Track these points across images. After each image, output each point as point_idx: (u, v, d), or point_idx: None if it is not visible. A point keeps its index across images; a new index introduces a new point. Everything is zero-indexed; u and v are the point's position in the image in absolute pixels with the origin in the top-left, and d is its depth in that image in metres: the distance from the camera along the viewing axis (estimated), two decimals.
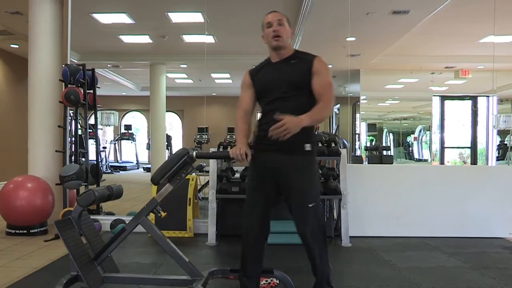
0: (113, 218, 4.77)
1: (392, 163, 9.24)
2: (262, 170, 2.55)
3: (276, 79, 2.58)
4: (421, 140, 11.34)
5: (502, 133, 9.45)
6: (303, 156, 2.48)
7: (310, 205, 2.46)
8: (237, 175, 4.89)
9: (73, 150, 5.22)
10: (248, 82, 2.71)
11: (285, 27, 2.63)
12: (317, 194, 2.57)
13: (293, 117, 2.30)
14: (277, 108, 2.45)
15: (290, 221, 3.03)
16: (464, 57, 8.70)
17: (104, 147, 12.14)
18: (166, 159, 2.74)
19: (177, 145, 12.23)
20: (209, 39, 7.52)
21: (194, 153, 2.56)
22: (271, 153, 2.48)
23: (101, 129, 12.36)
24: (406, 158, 11.39)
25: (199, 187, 5.77)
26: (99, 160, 5.86)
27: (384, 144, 11.36)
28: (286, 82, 2.53)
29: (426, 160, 11.16)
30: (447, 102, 10.71)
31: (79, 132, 5.35)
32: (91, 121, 5.53)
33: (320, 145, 4.50)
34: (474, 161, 10.26)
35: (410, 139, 11.49)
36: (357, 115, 10.89)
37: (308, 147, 2.48)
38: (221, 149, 4.56)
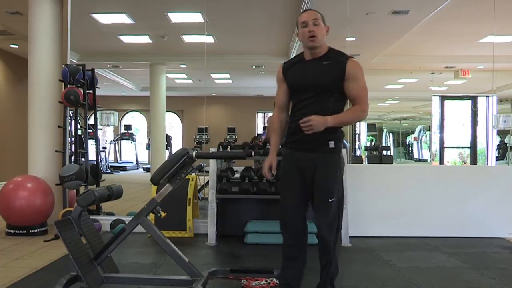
0: (113, 218, 4.77)
1: (392, 163, 9.26)
2: (290, 166, 2.61)
3: (306, 80, 2.56)
4: (421, 140, 11.35)
5: (502, 133, 9.45)
6: (326, 154, 2.52)
7: (330, 200, 2.50)
8: (237, 175, 4.89)
9: (73, 150, 5.22)
10: (281, 77, 2.68)
11: (320, 26, 2.57)
12: (339, 190, 2.57)
13: (320, 116, 2.39)
14: (304, 109, 2.50)
15: None
16: (464, 57, 8.69)
17: (104, 147, 12.14)
18: (166, 159, 2.74)
19: (177, 145, 12.23)
20: (209, 39, 7.52)
21: (194, 153, 2.57)
22: (298, 151, 2.56)
23: (101, 129, 12.35)
24: (406, 158, 11.40)
25: (199, 187, 5.77)
26: (99, 160, 5.86)
27: (384, 144, 11.37)
28: (316, 84, 2.52)
29: (426, 160, 11.17)
30: (447, 102, 10.71)
31: (79, 132, 5.35)
32: (91, 121, 5.52)
33: None
34: (474, 161, 10.26)
35: (410, 139, 11.50)
36: None
37: (331, 144, 2.51)
38: (221, 149, 4.56)
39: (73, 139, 5.22)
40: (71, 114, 5.22)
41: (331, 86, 2.50)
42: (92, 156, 5.51)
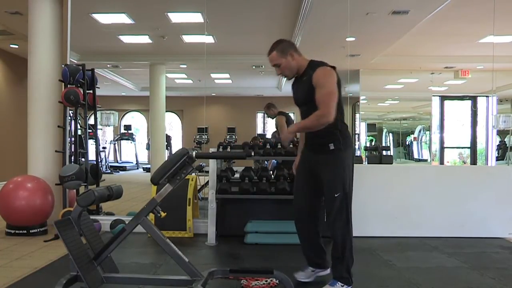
0: (113, 218, 4.77)
1: (391, 163, 9.24)
2: (303, 164, 3.10)
3: (295, 96, 3.04)
4: (421, 140, 11.35)
5: (502, 133, 9.45)
6: (328, 155, 2.88)
7: (336, 195, 2.86)
8: (237, 175, 4.89)
9: (72, 150, 5.22)
10: None
11: (282, 65, 2.93)
12: (344, 185, 2.88)
13: (285, 129, 2.92)
14: (303, 119, 2.92)
15: (290, 222, 3.05)
16: (464, 57, 8.70)
17: (104, 147, 12.14)
18: (166, 159, 2.74)
19: (177, 145, 12.23)
20: (208, 39, 7.52)
21: (194, 153, 2.56)
22: (308, 152, 3.05)
23: (101, 129, 12.36)
24: (405, 158, 11.40)
25: (198, 187, 5.77)
26: (99, 160, 5.86)
27: (383, 144, 11.36)
28: (300, 100, 2.97)
29: (425, 160, 11.17)
30: (446, 102, 10.72)
31: (79, 132, 5.35)
32: (91, 121, 5.53)
33: None
34: (473, 161, 10.27)
35: (409, 139, 11.50)
36: (357, 115, 10.90)
37: (331, 146, 2.86)
38: (221, 149, 4.56)
39: (73, 139, 5.22)
40: (71, 114, 5.22)
41: (308, 99, 2.83)
42: (92, 156, 5.51)
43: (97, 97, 5.39)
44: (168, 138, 10.99)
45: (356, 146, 10.67)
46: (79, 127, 5.31)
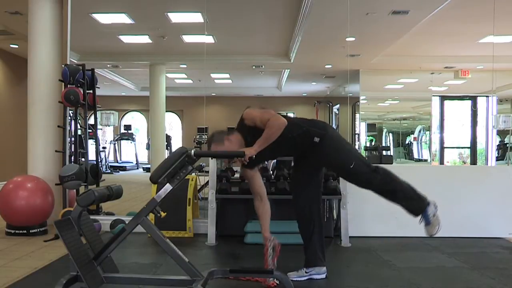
0: (113, 218, 4.77)
1: (391, 163, 9.24)
2: (297, 167, 3.30)
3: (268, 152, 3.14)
4: (421, 140, 11.35)
5: (502, 133, 9.45)
6: (316, 147, 3.03)
7: (351, 166, 3.02)
8: (237, 175, 4.88)
9: (72, 150, 5.22)
10: None
11: (219, 150, 3.15)
12: (351, 155, 3.10)
13: (248, 149, 2.98)
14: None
15: (290, 222, 3.06)
16: (464, 57, 8.70)
17: (104, 147, 12.13)
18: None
19: (177, 145, 12.21)
20: (208, 39, 7.52)
21: (193, 151, 2.57)
22: (302, 160, 3.22)
23: (101, 129, 12.34)
24: (405, 158, 11.40)
25: (198, 187, 5.77)
26: (99, 160, 5.86)
27: (383, 144, 11.36)
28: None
29: (425, 160, 11.16)
30: (446, 102, 10.71)
31: (79, 132, 5.35)
32: (91, 121, 5.52)
33: None
34: (473, 161, 10.26)
35: (409, 139, 11.50)
36: (357, 115, 10.90)
37: (316, 139, 3.02)
38: None
39: (73, 139, 5.22)
40: (71, 114, 5.22)
41: (252, 134, 3.07)
42: (92, 156, 5.50)
43: (97, 97, 5.39)
44: (168, 138, 10.99)
45: (356, 146, 10.66)
46: (79, 127, 5.31)
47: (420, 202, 3.05)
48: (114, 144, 13.11)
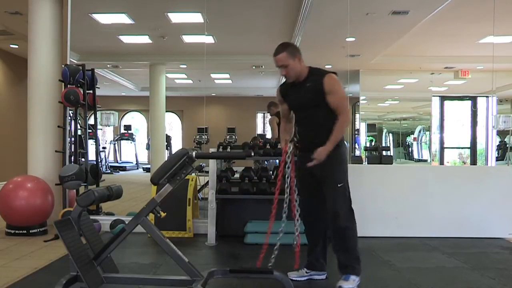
0: (113, 218, 4.77)
1: (391, 164, 9.24)
2: (303, 165, 3.12)
3: (298, 101, 3.15)
4: (421, 140, 11.35)
5: (502, 134, 9.45)
6: (329, 154, 2.99)
7: (339, 185, 3.04)
8: (237, 175, 4.89)
9: (72, 150, 5.22)
10: (281, 99, 3.29)
11: (289, 66, 3.04)
12: (345, 176, 3.11)
13: (320, 149, 2.95)
14: (302, 123, 3.20)
15: (290, 222, 3.05)
16: (464, 58, 8.70)
17: (104, 147, 12.13)
18: (166, 159, 2.75)
19: (177, 145, 12.21)
20: (208, 39, 7.52)
21: (194, 153, 2.56)
22: (306, 153, 3.09)
23: (101, 129, 12.33)
24: (405, 159, 11.40)
25: (198, 187, 5.77)
26: (99, 160, 5.85)
27: (383, 145, 11.36)
28: (304, 105, 3.11)
29: (425, 161, 11.16)
30: (446, 103, 10.71)
31: (79, 132, 5.35)
32: (91, 121, 5.52)
33: None
34: (473, 161, 10.26)
35: (409, 139, 11.50)
36: (357, 116, 10.90)
37: None
38: (220, 150, 4.56)
39: (73, 139, 5.22)
40: (71, 114, 5.22)
41: (317, 104, 3.02)
42: (92, 156, 5.51)
43: (97, 97, 5.39)
44: (168, 138, 10.97)
45: (356, 146, 10.66)
46: (79, 127, 5.31)
47: (357, 266, 3.02)
48: (114, 144, 13.10)
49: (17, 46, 8.53)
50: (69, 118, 5.23)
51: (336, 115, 3.01)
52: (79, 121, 5.31)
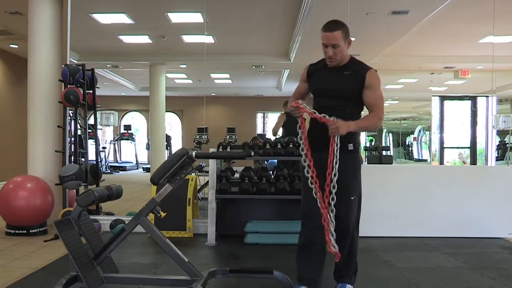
0: (113, 218, 4.77)
1: (391, 163, 9.25)
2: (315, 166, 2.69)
3: (328, 87, 2.80)
4: (421, 140, 11.36)
5: (502, 133, 9.45)
6: (346, 154, 2.69)
7: (352, 198, 2.76)
8: (237, 175, 4.89)
9: (72, 150, 5.22)
10: (305, 78, 2.92)
11: (340, 48, 2.74)
12: (359, 188, 2.83)
13: (342, 123, 2.57)
14: (325, 112, 2.65)
15: (290, 222, 3.04)
16: (464, 57, 8.70)
17: (104, 147, 12.14)
18: (166, 159, 2.74)
19: (177, 145, 12.22)
20: (208, 39, 7.52)
21: (194, 153, 2.56)
22: (320, 151, 2.69)
23: (101, 129, 12.35)
24: (405, 158, 11.41)
25: (198, 187, 5.77)
26: (99, 160, 5.85)
27: (383, 144, 11.37)
28: (337, 93, 2.76)
29: (425, 160, 11.17)
30: (446, 102, 10.72)
31: (79, 132, 5.35)
32: (91, 121, 5.52)
33: None
34: (473, 161, 10.26)
35: (409, 139, 11.51)
36: None
37: (350, 146, 2.74)
38: (220, 149, 4.56)
39: (73, 139, 5.22)
40: (71, 114, 5.22)
41: (350, 95, 2.73)
42: (91, 156, 5.51)
43: (97, 97, 5.39)
44: (168, 138, 10.99)
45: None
46: (79, 127, 5.31)
47: (353, 277, 2.94)
48: (114, 144, 13.11)
49: (17, 46, 8.54)
50: (69, 118, 5.23)
51: (360, 116, 2.78)
52: (79, 121, 5.31)
